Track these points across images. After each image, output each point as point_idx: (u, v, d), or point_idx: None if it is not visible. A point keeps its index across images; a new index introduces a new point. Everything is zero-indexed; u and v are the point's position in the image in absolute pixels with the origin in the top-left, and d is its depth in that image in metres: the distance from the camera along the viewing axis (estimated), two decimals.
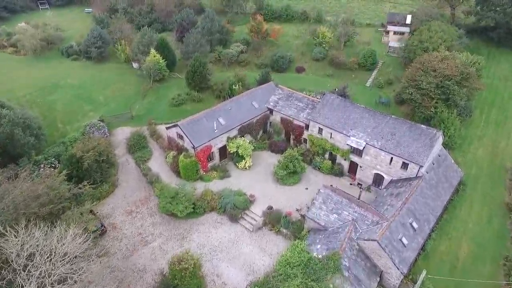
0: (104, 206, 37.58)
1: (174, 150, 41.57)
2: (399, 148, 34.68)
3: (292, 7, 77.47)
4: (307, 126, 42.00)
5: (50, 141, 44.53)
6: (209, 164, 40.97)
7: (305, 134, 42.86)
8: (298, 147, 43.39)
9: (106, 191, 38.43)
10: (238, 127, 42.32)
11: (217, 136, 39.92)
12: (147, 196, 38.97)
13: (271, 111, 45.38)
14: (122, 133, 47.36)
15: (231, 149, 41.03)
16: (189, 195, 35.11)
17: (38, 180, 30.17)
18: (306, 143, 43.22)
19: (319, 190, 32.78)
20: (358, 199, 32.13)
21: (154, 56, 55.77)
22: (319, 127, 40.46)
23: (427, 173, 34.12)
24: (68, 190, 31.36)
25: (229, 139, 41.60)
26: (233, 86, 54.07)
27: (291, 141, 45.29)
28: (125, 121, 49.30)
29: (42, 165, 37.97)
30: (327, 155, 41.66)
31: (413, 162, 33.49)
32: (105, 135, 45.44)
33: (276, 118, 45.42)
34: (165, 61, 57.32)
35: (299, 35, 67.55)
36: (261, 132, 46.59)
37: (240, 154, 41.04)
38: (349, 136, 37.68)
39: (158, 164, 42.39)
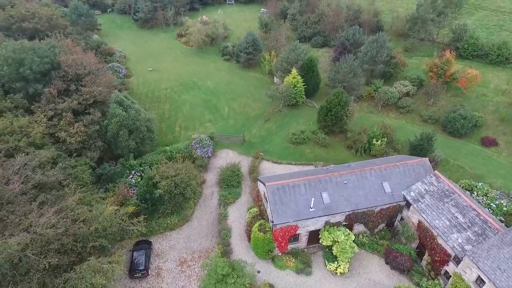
0: (165, 241, 33.30)
1: (257, 208, 33.12)
2: None
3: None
4: (457, 259, 25.35)
5: (162, 143, 43.94)
6: (289, 246, 30.58)
7: (450, 267, 26.21)
8: (432, 280, 27.23)
9: (174, 224, 34.06)
10: (348, 213, 29.73)
11: (311, 218, 28.82)
12: (210, 249, 32.41)
13: (408, 204, 30.26)
14: (225, 157, 42.24)
15: (325, 241, 29.16)
16: (242, 284, 26.21)
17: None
18: (448, 281, 26.51)
19: None
20: None
21: (294, 78, 47.80)
22: (480, 276, 23.37)
23: None
24: (122, 220, 27.87)
25: (327, 224, 29.77)
26: (374, 140, 40.53)
27: (423, 263, 29.14)
28: (234, 144, 44.01)
29: (133, 172, 36.76)
30: None
31: None
32: (207, 155, 41.34)
33: (411, 217, 30.04)
34: (305, 85, 48.63)
35: (510, 90, 45.31)
36: (382, 225, 32.21)
37: (334, 253, 28.78)
38: None
39: (239, 213, 35.06)
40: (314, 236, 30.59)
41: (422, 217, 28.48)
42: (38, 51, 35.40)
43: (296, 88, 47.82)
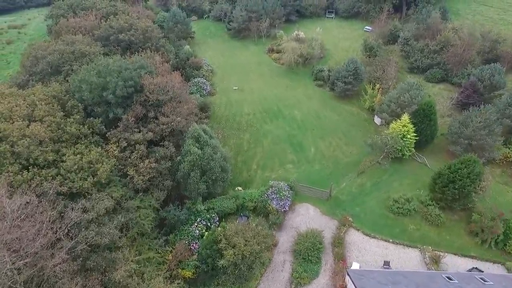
0: None
1: None
2: None
3: None
4: None
5: (236, 182, 38.85)
6: None
7: None
8: None
9: None
10: None
11: None
12: None
13: None
14: (305, 215, 35.21)
15: None
16: None
17: None
18: None
19: None
20: None
21: (404, 126, 38.17)
22: None
23: None
24: None
25: None
26: None
27: None
28: (318, 199, 36.61)
29: (198, 220, 32.05)
30: None
31: None
32: (283, 209, 34.85)
33: None
34: (416, 136, 38.62)
35: None
36: None
37: None
38: None
39: None
40: None
41: None
42: (123, 74, 32.95)
43: (405, 140, 38.12)
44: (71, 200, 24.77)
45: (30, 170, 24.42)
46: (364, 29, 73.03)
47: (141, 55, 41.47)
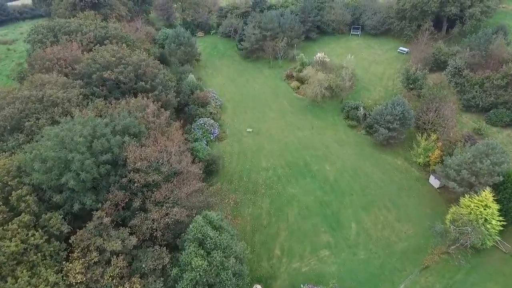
0: None
1: None
2: None
3: None
4: None
5: (253, 276, 28.75)
6: None
7: None
8: None
9: None
10: None
11: None
12: None
13: None
14: None
15: None
16: None
17: None
18: None
19: None
20: None
21: (486, 208, 27.65)
22: None
23: None
24: None
25: None
26: None
27: None
28: None
29: None
30: None
31: None
32: None
33: None
34: (503, 219, 28.08)
35: None
36: None
37: None
38: None
39: None
40: None
41: None
42: (95, 144, 23.12)
43: (486, 225, 27.60)
44: None
45: None
46: (399, 50, 62.60)
47: (129, 104, 31.65)
